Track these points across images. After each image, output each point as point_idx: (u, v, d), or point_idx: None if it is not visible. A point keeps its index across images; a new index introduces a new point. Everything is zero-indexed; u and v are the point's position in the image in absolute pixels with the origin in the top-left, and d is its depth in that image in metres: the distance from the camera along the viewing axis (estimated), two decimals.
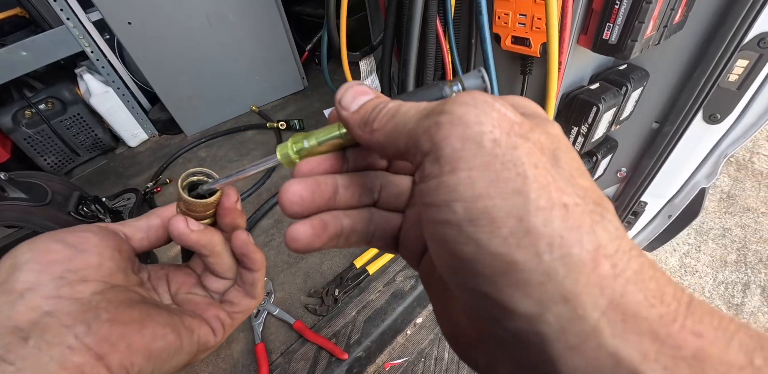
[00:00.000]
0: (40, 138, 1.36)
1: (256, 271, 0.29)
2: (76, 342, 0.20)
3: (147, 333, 0.23)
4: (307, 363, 0.80)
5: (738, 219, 1.90)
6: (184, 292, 0.29)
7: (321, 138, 0.22)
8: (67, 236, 0.24)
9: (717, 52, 0.64)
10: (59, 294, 0.21)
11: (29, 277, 0.21)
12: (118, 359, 0.21)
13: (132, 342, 0.22)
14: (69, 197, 0.80)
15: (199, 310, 0.28)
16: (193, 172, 0.27)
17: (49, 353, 0.19)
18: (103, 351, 0.21)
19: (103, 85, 1.43)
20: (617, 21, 0.57)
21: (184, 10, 1.34)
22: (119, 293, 0.24)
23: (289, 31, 1.59)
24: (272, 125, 1.50)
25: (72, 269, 0.23)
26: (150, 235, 0.28)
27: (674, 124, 0.75)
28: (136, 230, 0.28)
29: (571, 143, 0.16)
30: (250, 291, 0.30)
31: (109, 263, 0.24)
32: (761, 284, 1.66)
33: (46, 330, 0.20)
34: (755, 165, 2.16)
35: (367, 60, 0.99)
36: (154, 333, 0.23)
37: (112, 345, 0.21)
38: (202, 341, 0.26)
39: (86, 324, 0.21)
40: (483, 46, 0.63)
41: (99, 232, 0.25)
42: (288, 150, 0.22)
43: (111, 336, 0.21)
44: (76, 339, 0.20)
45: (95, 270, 0.23)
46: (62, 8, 1.23)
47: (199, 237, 0.27)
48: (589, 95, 0.68)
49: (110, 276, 0.24)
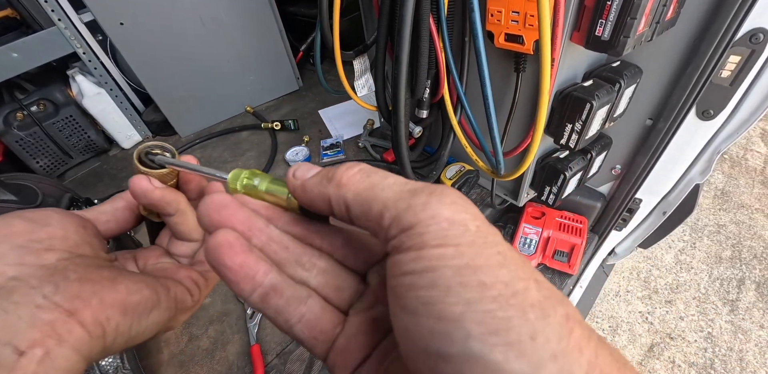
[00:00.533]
0: (32, 140, 1.35)
1: None
2: (44, 301, 0.20)
3: (120, 288, 0.22)
4: (302, 364, 0.79)
5: (732, 216, 1.91)
6: (152, 263, 0.29)
7: (270, 187, 0.22)
8: (25, 213, 0.24)
9: (709, 48, 0.64)
10: (23, 261, 0.21)
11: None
12: (91, 314, 0.20)
13: (104, 297, 0.21)
14: (60, 199, 0.79)
15: (170, 274, 0.27)
16: (150, 145, 0.27)
17: (17, 313, 0.19)
18: (74, 306, 0.20)
19: (95, 86, 1.41)
20: (609, 17, 0.56)
21: (176, 11, 1.34)
22: (87, 260, 0.23)
23: (284, 32, 1.59)
24: (267, 126, 1.49)
25: (35, 239, 0.22)
26: (117, 217, 0.28)
27: (668, 120, 0.75)
28: (100, 214, 0.28)
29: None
30: None
31: (73, 236, 0.24)
32: (756, 280, 1.66)
33: (13, 292, 0.20)
34: (749, 162, 2.18)
35: (360, 59, 0.98)
36: (128, 288, 0.23)
37: (83, 301, 0.21)
38: (179, 298, 0.26)
39: (54, 284, 0.20)
40: (475, 43, 0.63)
41: (60, 211, 0.25)
42: (239, 178, 0.23)
43: (82, 293, 0.21)
44: (44, 298, 0.20)
45: (60, 241, 0.23)
46: (53, 9, 1.22)
47: (163, 193, 0.26)
48: (582, 91, 0.68)
49: (76, 247, 0.24)
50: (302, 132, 1.48)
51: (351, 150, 1.35)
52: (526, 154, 0.74)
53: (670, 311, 1.59)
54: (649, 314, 1.59)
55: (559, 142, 0.76)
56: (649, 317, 1.58)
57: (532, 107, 0.69)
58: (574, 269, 0.94)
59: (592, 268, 1.19)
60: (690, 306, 1.60)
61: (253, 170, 0.23)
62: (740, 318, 1.55)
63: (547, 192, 0.89)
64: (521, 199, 0.95)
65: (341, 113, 1.55)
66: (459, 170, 1.04)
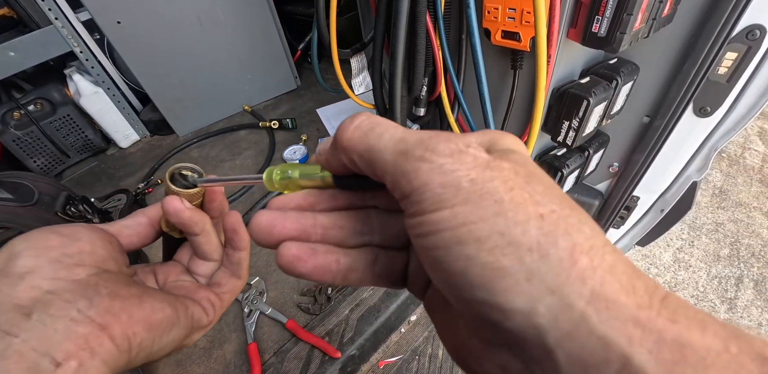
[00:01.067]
0: (29, 140, 1.34)
1: (242, 250, 0.31)
2: (79, 314, 0.21)
3: (146, 306, 0.24)
4: (300, 363, 0.79)
5: (730, 214, 1.92)
6: (172, 280, 0.30)
7: (303, 173, 0.23)
8: (59, 228, 0.25)
9: (706, 45, 0.64)
10: (57, 275, 0.22)
11: (28, 262, 0.22)
12: (120, 329, 0.22)
13: (133, 313, 0.23)
14: (56, 198, 0.79)
15: (189, 293, 0.29)
16: (180, 166, 0.28)
17: (54, 325, 0.20)
18: (106, 321, 0.22)
19: (93, 85, 1.41)
20: (606, 14, 0.56)
21: (174, 10, 1.33)
22: (114, 275, 0.25)
23: (282, 31, 1.59)
24: (265, 125, 1.49)
25: (68, 253, 0.24)
26: (139, 232, 0.30)
27: (665, 118, 0.75)
28: (123, 228, 0.29)
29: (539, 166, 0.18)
30: (236, 271, 0.31)
31: (101, 251, 0.25)
32: (754, 278, 1.67)
33: (49, 305, 0.21)
34: (747, 160, 2.18)
35: (357, 57, 0.98)
36: (153, 306, 0.24)
37: (114, 316, 0.22)
38: (196, 317, 0.27)
39: (88, 299, 0.22)
40: (471, 40, 0.63)
41: (88, 226, 0.26)
42: (272, 175, 0.24)
43: (113, 308, 0.22)
44: (79, 312, 0.21)
45: (89, 256, 0.24)
46: (50, 8, 1.22)
47: (192, 214, 0.28)
48: (579, 88, 0.68)
49: (103, 262, 0.25)
50: (300, 131, 1.48)
51: None
52: None
53: None
54: None
55: (556, 139, 0.75)
56: None
57: (529, 104, 0.69)
58: None
59: None
60: None
61: (283, 165, 0.24)
62: (738, 316, 1.55)
63: None
64: None
65: (339, 111, 1.55)
66: None
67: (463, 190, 0.15)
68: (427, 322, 0.88)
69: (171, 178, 0.28)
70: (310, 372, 0.77)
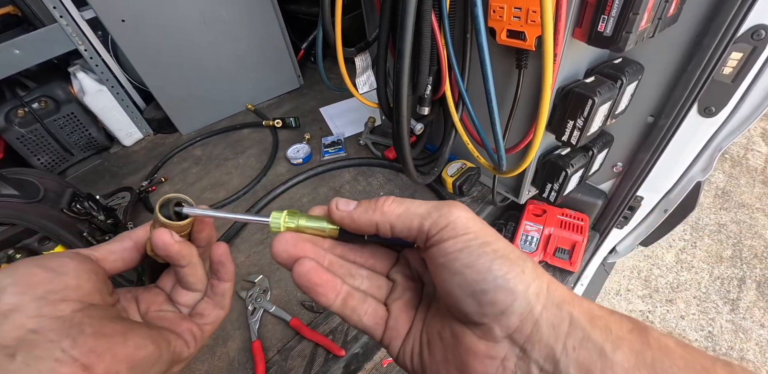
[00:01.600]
0: (33, 137, 1.35)
1: (227, 281, 0.33)
2: (63, 354, 0.21)
3: (130, 344, 0.24)
4: (303, 361, 0.79)
5: (733, 215, 1.91)
6: (155, 310, 0.31)
7: (310, 224, 0.28)
8: (45, 261, 0.25)
9: (711, 45, 0.64)
10: (41, 313, 0.22)
11: (11, 299, 0.22)
12: (104, 368, 0.22)
13: (116, 352, 0.23)
14: (62, 194, 0.79)
15: (172, 326, 0.30)
16: (171, 198, 0.29)
17: (38, 367, 0.21)
18: (90, 361, 0.22)
19: (97, 83, 1.41)
20: (612, 13, 0.56)
21: (178, 8, 1.34)
22: (98, 310, 0.25)
23: (285, 30, 1.59)
24: (268, 123, 1.49)
25: (52, 290, 0.24)
26: (124, 257, 0.30)
27: (669, 117, 0.75)
28: (109, 253, 0.30)
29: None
30: (219, 302, 0.33)
31: (86, 284, 0.25)
32: (757, 279, 1.66)
33: (34, 345, 0.21)
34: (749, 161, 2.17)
35: (362, 56, 0.98)
36: (136, 343, 0.25)
37: (98, 356, 0.22)
38: (177, 351, 0.28)
39: (71, 338, 0.22)
40: (478, 38, 0.63)
41: (75, 257, 0.27)
42: (281, 220, 0.28)
43: (97, 348, 0.23)
44: (63, 352, 0.21)
45: (74, 291, 0.24)
46: (55, 6, 1.22)
47: (181, 247, 0.29)
48: (584, 88, 0.68)
49: (88, 296, 0.25)
50: (303, 130, 1.48)
51: (352, 148, 1.35)
52: (528, 150, 0.74)
53: (671, 310, 1.59)
54: (650, 313, 1.59)
55: (560, 138, 0.75)
56: (650, 316, 1.58)
57: (534, 103, 0.69)
58: (575, 266, 0.94)
59: (594, 266, 1.19)
60: (691, 305, 1.60)
61: (289, 211, 0.28)
62: (741, 317, 1.55)
63: (548, 189, 0.89)
64: (522, 196, 0.95)
65: (342, 110, 1.55)
66: (460, 168, 1.04)
67: (478, 222, 0.24)
68: None
69: (160, 210, 0.28)
70: (314, 370, 0.78)
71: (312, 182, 1.23)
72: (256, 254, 1.02)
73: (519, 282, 0.21)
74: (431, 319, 0.27)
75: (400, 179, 1.19)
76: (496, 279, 0.21)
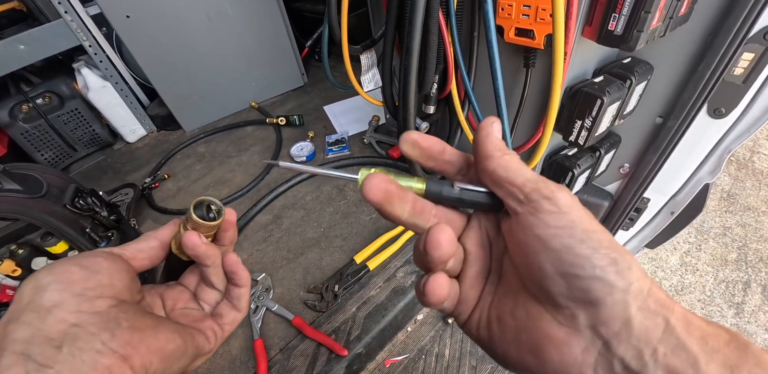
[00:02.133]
0: (37, 133, 1.35)
1: (242, 287, 0.35)
2: (103, 346, 0.24)
3: (161, 337, 0.27)
4: (306, 360, 0.79)
5: (738, 218, 1.90)
6: (180, 307, 0.33)
7: (398, 181, 0.27)
8: (81, 260, 0.27)
9: (722, 45, 0.63)
10: (81, 308, 0.25)
11: (54, 296, 0.24)
12: (139, 359, 0.25)
13: (150, 344, 0.26)
14: (65, 190, 0.79)
15: (195, 322, 0.32)
16: (203, 199, 0.32)
17: (81, 357, 0.23)
18: (127, 352, 0.24)
19: (101, 80, 1.41)
20: (623, 11, 0.56)
21: (183, 5, 1.33)
22: (130, 306, 0.28)
23: (289, 27, 1.58)
24: (272, 121, 1.49)
25: (89, 287, 0.26)
26: (151, 255, 0.32)
27: (678, 118, 0.74)
28: (138, 252, 0.32)
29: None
30: (236, 305, 0.35)
31: (118, 283, 0.28)
32: (762, 283, 1.65)
33: (76, 338, 0.23)
34: (756, 164, 2.16)
35: (368, 54, 0.98)
36: (167, 337, 0.27)
37: (134, 348, 0.25)
38: (200, 346, 0.31)
39: (110, 332, 0.24)
40: (487, 36, 0.62)
41: (108, 256, 0.29)
42: (370, 172, 0.27)
43: (132, 340, 0.25)
44: (103, 344, 0.24)
45: (108, 288, 0.27)
46: (60, 1, 1.22)
47: (208, 248, 0.32)
48: (593, 87, 0.67)
49: (120, 293, 0.27)
50: (307, 128, 1.47)
51: (356, 146, 1.34)
52: (536, 150, 0.74)
53: None
54: None
55: (568, 138, 0.75)
56: None
57: (541, 103, 0.68)
58: None
59: None
60: (695, 308, 1.59)
61: (380, 169, 0.28)
62: (745, 321, 1.54)
63: None
64: None
65: (346, 109, 1.55)
66: None
67: (581, 207, 0.23)
68: (434, 321, 0.87)
69: (194, 211, 0.31)
70: (316, 369, 0.77)
71: (315, 181, 1.23)
72: (258, 252, 1.02)
73: (621, 278, 0.21)
74: (503, 295, 0.26)
75: None
76: (594, 269, 0.21)
